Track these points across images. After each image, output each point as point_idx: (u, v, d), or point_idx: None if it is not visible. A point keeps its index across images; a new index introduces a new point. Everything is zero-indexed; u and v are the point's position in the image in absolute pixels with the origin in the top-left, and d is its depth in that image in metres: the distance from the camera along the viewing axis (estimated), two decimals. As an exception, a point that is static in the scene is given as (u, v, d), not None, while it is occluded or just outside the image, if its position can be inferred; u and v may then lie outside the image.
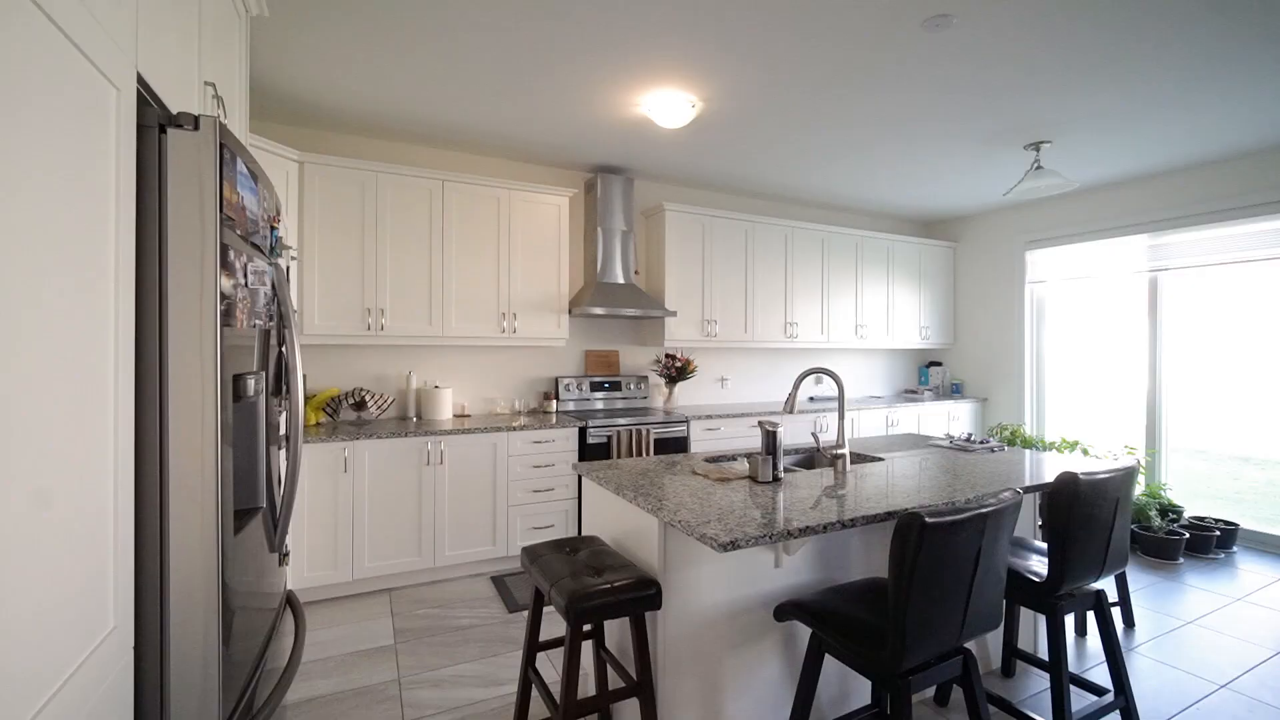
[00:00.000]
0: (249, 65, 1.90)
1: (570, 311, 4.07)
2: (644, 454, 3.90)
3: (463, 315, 3.71)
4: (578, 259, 4.43)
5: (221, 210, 1.07)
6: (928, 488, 2.05)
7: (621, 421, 3.84)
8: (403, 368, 3.86)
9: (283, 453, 1.58)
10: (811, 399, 5.24)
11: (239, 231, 1.17)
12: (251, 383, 1.22)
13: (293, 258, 1.99)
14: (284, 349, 1.52)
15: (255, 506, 1.32)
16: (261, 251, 1.33)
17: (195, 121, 1.05)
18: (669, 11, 2.32)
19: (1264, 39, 2.49)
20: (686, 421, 4.08)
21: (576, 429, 3.73)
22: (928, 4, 2.28)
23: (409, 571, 3.32)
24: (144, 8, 1.06)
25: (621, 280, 4.26)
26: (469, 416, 3.92)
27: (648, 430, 3.91)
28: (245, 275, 1.20)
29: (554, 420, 3.75)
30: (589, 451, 3.75)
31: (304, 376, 3.36)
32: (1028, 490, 2.11)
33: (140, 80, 1.05)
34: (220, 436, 1.08)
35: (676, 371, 4.47)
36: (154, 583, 1.02)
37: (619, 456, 3.80)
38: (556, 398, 4.22)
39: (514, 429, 3.53)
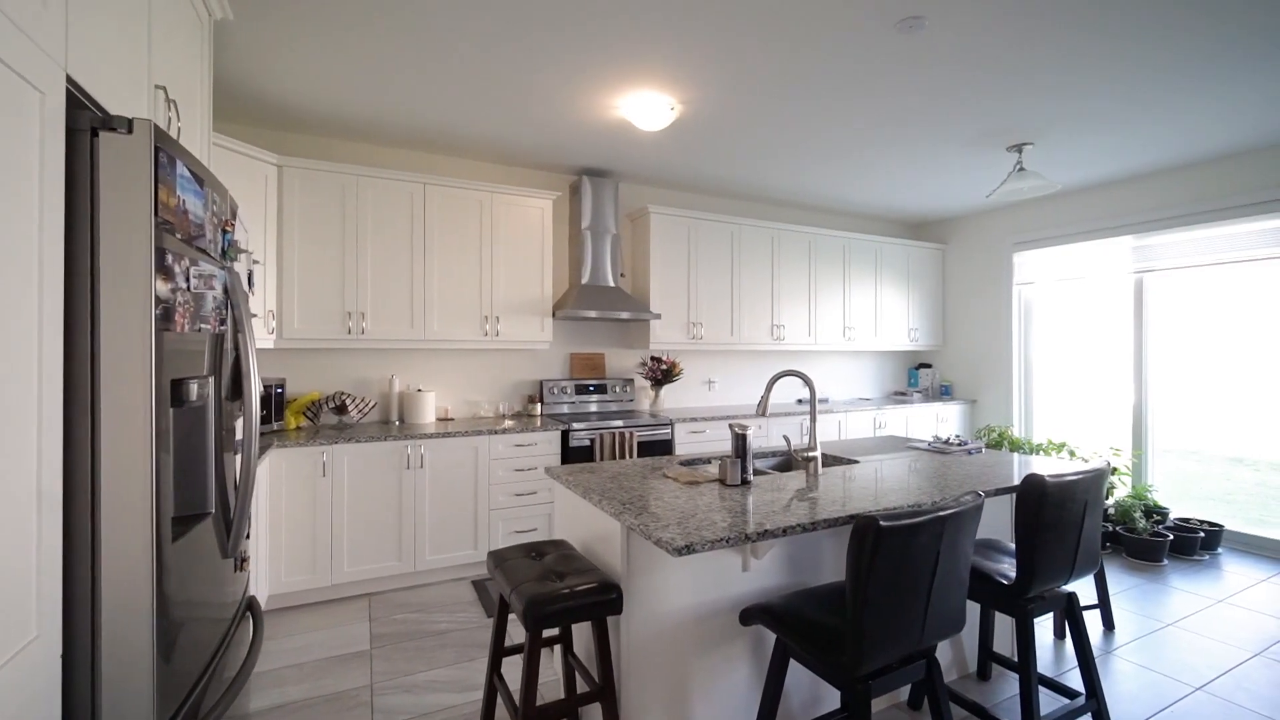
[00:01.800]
0: (212, 68, 1.89)
1: (554, 314, 4.07)
2: (627, 457, 3.89)
3: (444, 318, 3.70)
4: (562, 262, 4.43)
5: (157, 214, 1.07)
6: (897, 490, 2.04)
7: (605, 424, 3.83)
8: (385, 371, 3.85)
9: (239, 457, 1.57)
10: (800, 401, 5.23)
11: (179, 235, 1.16)
12: (194, 387, 1.21)
13: (255, 261, 1.98)
14: (240, 353, 1.51)
15: (202, 512, 1.31)
16: (209, 255, 1.32)
17: (129, 125, 1.04)
18: (645, 14, 2.31)
19: (1249, 39, 2.48)
20: (671, 424, 4.07)
21: (559, 432, 3.72)
22: (899, 7, 2.28)
23: (389, 576, 3.30)
24: (77, 12, 1.05)
25: (606, 283, 4.25)
26: (452, 420, 3.91)
27: (631, 433, 3.90)
28: (187, 279, 1.19)
29: (538, 423, 3.74)
30: (572, 455, 3.74)
31: (282, 381, 3.35)
32: (999, 492, 2.10)
33: (73, 84, 1.04)
34: (155, 442, 1.07)
35: (662, 374, 4.47)
36: (85, 591, 1.01)
37: (602, 459, 3.79)
38: (541, 401, 4.20)
39: (495, 432, 3.52)
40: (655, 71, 2.78)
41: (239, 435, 1.63)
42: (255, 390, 1.47)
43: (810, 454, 2.25)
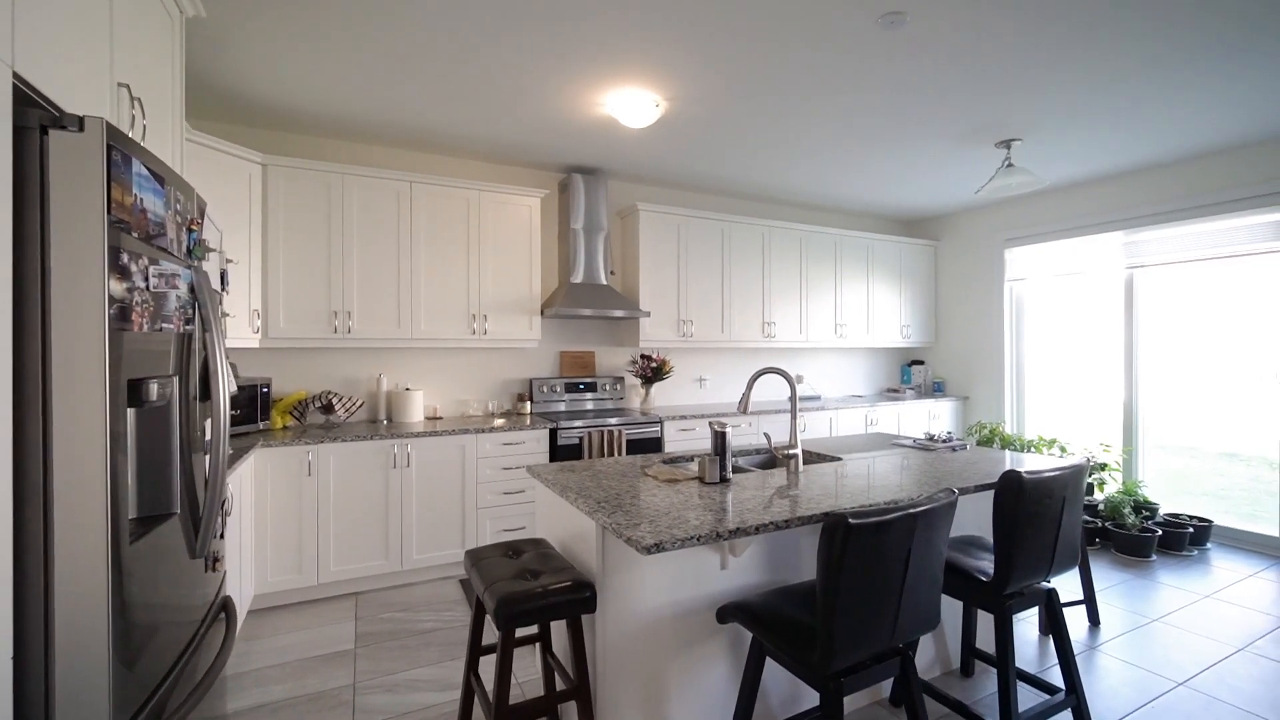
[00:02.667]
0: (184, 66, 1.88)
1: (543, 313, 4.06)
2: (616, 454, 3.89)
3: (432, 317, 3.69)
4: (551, 260, 4.42)
5: (110, 212, 1.06)
6: (876, 487, 2.04)
7: (593, 423, 3.82)
8: (373, 370, 3.84)
9: (209, 457, 1.56)
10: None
11: (137, 234, 1.15)
12: (155, 387, 1.20)
13: (229, 260, 1.96)
14: (209, 353, 1.50)
15: (166, 513, 1.30)
16: (171, 254, 1.31)
17: (80, 123, 1.03)
18: (628, 11, 2.30)
19: (1238, 32, 2.46)
20: (660, 422, 4.07)
21: (547, 430, 3.72)
22: (880, 1, 2.26)
23: (376, 575, 3.30)
24: (25, 9, 1.04)
25: (596, 281, 4.24)
26: (441, 419, 3.90)
27: (620, 431, 3.89)
28: (146, 278, 1.18)
29: (528, 422, 3.74)
30: (560, 453, 3.74)
31: (268, 381, 3.34)
32: (978, 489, 2.10)
33: (21, 81, 1.03)
34: (110, 443, 1.06)
35: (652, 372, 4.46)
36: (38, 593, 1.01)
37: (591, 458, 3.78)
38: (531, 399, 4.20)
39: (483, 431, 3.51)
40: (639, 68, 2.77)
41: (207, 435, 1.62)
42: (224, 390, 1.46)
43: (791, 451, 2.25)
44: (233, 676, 2.45)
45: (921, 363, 5.93)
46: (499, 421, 3.72)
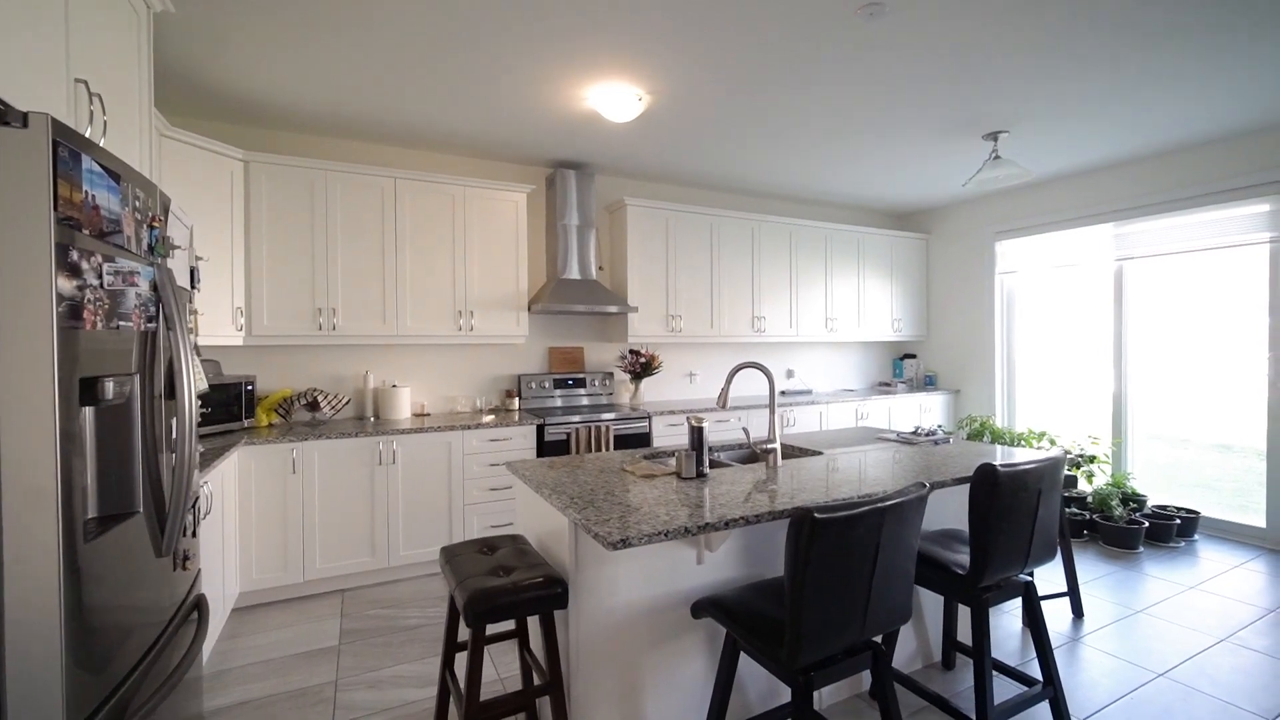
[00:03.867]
0: (152, 62, 1.87)
1: (530, 309, 4.05)
2: (604, 450, 3.89)
3: (418, 314, 3.68)
4: (539, 255, 4.40)
5: (57, 209, 1.05)
6: (853, 482, 2.03)
7: (581, 418, 3.82)
8: (359, 367, 3.83)
9: (175, 455, 1.55)
10: (783, 393, 5.22)
11: (88, 231, 1.14)
12: (110, 385, 1.20)
13: (199, 258, 1.94)
14: (173, 351, 1.49)
15: (129, 511, 1.29)
16: (129, 251, 1.30)
17: (24, 119, 1.02)
18: (606, 4, 2.28)
19: (1226, 21, 2.44)
20: (648, 417, 4.06)
21: (534, 426, 3.71)
22: (857, -8, 2.25)
23: (362, 572, 3.30)
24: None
25: (583, 276, 4.23)
26: (428, 416, 3.90)
27: (607, 426, 3.89)
28: (100, 275, 1.17)
29: (516, 418, 3.73)
30: (548, 449, 3.73)
31: (252, 378, 3.33)
32: (956, 482, 2.09)
33: (-35, 77, 1.02)
34: (62, 441, 1.05)
35: (641, 368, 4.45)
36: (-13, 594, 1.01)
37: (579, 453, 3.78)
38: (519, 395, 4.19)
39: (469, 427, 3.51)
40: (620, 61, 2.75)
41: (174, 433, 1.61)
42: (189, 387, 1.45)
43: (769, 446, 2.24)
44: (215, 674, 2.45)
45: (913, 356, 5.92)
46: (487, 418, 3.71)
